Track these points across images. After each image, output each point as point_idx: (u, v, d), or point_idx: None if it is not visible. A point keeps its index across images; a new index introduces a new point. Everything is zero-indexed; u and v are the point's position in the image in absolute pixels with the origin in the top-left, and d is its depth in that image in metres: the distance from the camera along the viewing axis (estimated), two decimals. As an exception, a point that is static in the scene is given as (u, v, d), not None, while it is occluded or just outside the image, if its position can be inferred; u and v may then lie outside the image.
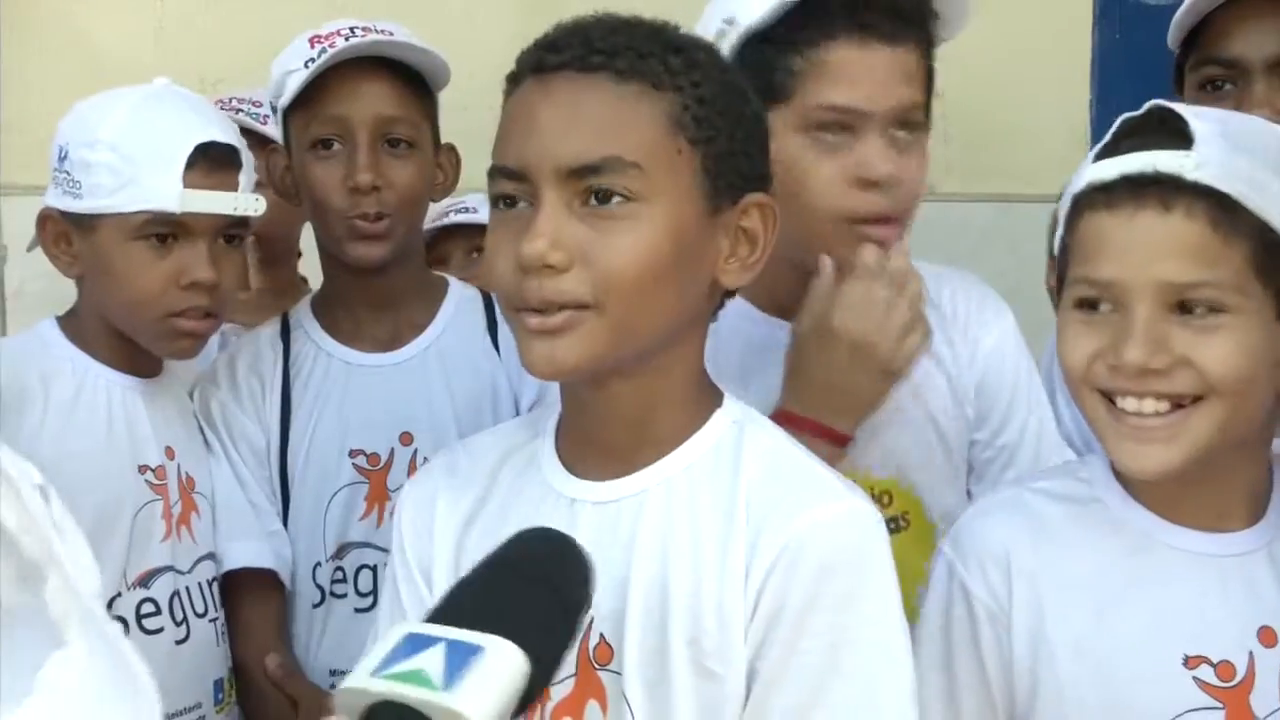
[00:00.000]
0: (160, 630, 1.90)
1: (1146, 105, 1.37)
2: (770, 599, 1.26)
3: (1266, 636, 1.36)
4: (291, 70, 2.01)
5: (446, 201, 2.64)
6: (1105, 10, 2.73)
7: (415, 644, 0.86)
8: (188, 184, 1.84)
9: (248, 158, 1.93)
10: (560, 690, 1.31)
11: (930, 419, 1.71)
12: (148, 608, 1.89)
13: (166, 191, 1.84)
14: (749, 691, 1.27)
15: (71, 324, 1.96)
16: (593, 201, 1.25)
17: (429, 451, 2.02)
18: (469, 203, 2.71)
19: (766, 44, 1.60)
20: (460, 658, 0.85)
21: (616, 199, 1.25)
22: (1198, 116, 1.33)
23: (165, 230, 1.86)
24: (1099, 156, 1.37)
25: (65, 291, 2.46)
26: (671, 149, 1.27)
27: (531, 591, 0.93)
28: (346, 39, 1.99)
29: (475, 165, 2.90)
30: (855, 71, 1.58)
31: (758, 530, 1.28)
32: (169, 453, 1.95)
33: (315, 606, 2.05)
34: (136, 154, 1.84)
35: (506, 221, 1.29)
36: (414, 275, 2.11)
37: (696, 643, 1.27)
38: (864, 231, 1.60)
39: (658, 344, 1.31)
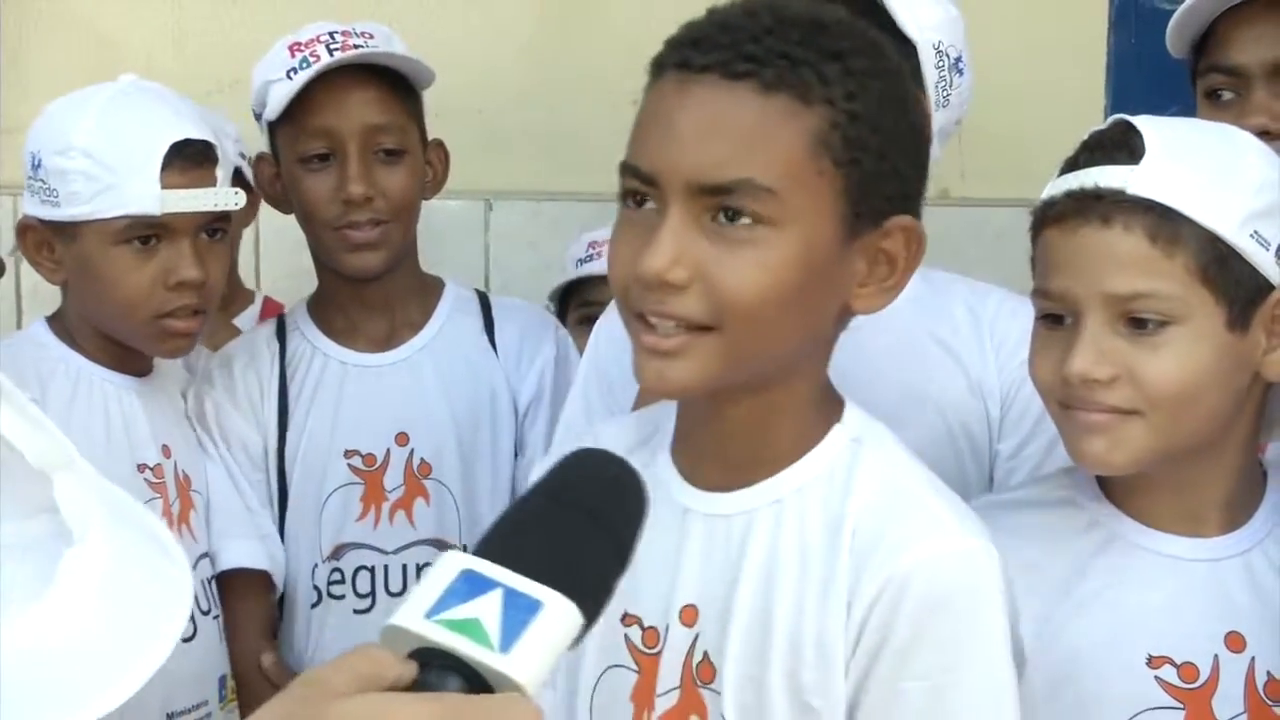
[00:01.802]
0: None
1: (1110, 120, 1.43)
2: (872, 635, 1.23)
3: (1234, 642, 1.39)
4: (273, 80, 2.02)
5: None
6: (1121, 15, 2.73)
7: (472, 585, 0.82)
8: (165, 184, 1.85)
9: (223, 150, 1.94)
10: (665, 702, 1.31)
11: (938, 409, 1.73)
12: None
13: (145, 194, 1.84)
14: None
15: (61, 325, 1.98)
16: (721, 219, 1.20)
17: (425, 452, 2.05)
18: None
19: None
20: (518, 613, 0.82)
21: (745, 220, 1.20)
22: (1156, 130, 1.38)
23: (147, 233, 1.87)
24: (1062, 172, 1.42)
25: (79, 292, 2.46)
26: (812, 171, 1.20)
27: (589, 531, 0.89)
28: (328, 47, 1.99)
29: (496, 169, 2.92)
30: None
31: (862, 562, 1.24)
32: (165, 451, 1.97)
33: (313, 607, 2.07)
34: (111, 158, 1.84)
35: (633, 221, 1.25)
36: (409, 277, 2.12)
37: (795, 675, 1.25)
38: None
39: (776, 368, 1.27)
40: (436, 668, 0.81)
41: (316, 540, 2.06)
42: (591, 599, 0.85)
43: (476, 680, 0.81)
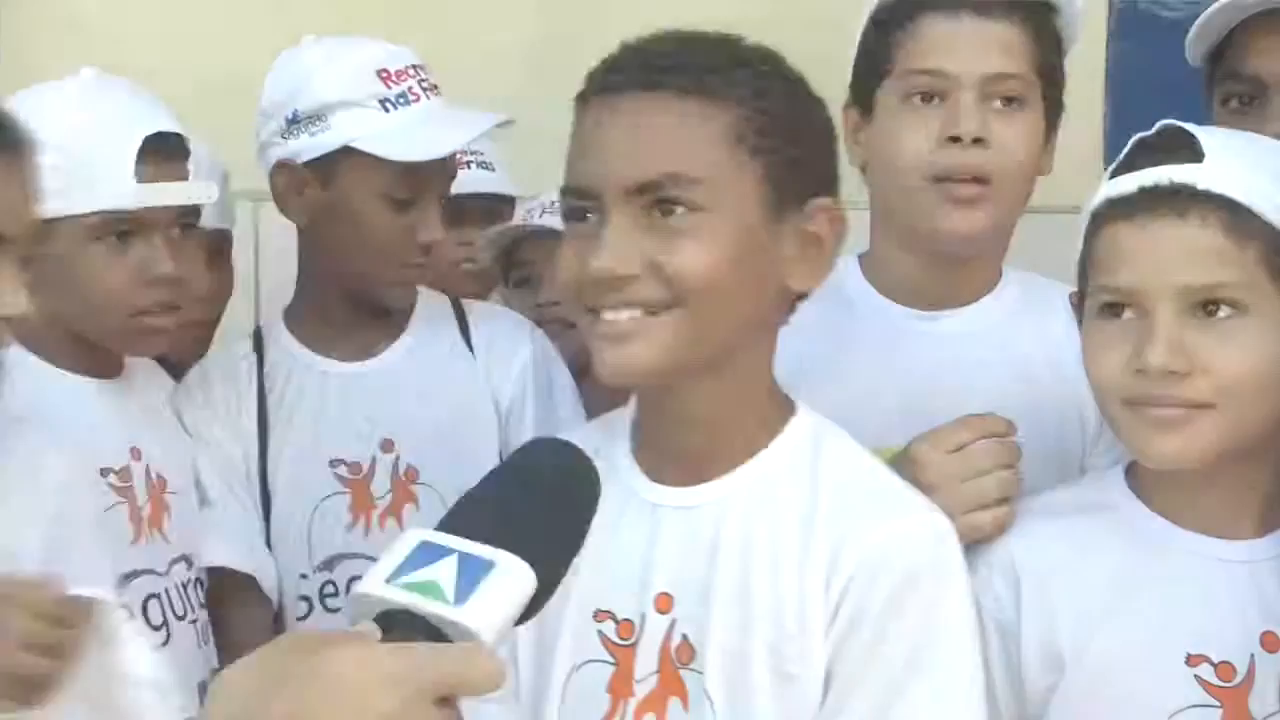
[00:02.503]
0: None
1: (1159, 124, 1.46)
2: (850, 607, 1.32)
3: (1269, 642, 1.41)
4: (357, 103, 1.99)
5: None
6: (1121, 24, 2.74)
7: (429, 553, 0.89)
8: (140, 178, 1.82)
9: (197, 145, 1.93)
10: (643, 688, 1.38)
11: (1034, 419, 1.72)
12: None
13: (121, 189, 1.82)
14: (826, 692, 1.33)
15: (24, 328, 1.93)
16: (657, 214, 1.32)
17: (412, 458, 2.05)
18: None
19: (876, 25, 1.76)
20: (472, 572, 0.88)
21: (680, 210, 1.31)
22: (1207, 133, 1.43)
23: (123, 228, 1.84)
24: (1115, 174, 1.45)
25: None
26: (733, 162, 1.33)
27: (541, 504, 0.96)
28: (421, 84, 2.01)
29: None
30: (943, 39, 1.71)
31: (839, 540, 1.34)
32: (135, 454, 1.92)
33: (301, 619, 2.05)
34: (84, 153, 1.81)
35: (577, 234, 1.36)
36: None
37: (777, 648, 1.33)
38: (949, 190, 1.69)
39: (728, 348, 1.36)
40: (401, 628, 0.86)
41: (304, 551, 2.04)
42: (545, 561, 0.92)
43: (440, 639, 0.86)
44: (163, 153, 1.86)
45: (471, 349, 2.12)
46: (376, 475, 2.04)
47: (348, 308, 2.08)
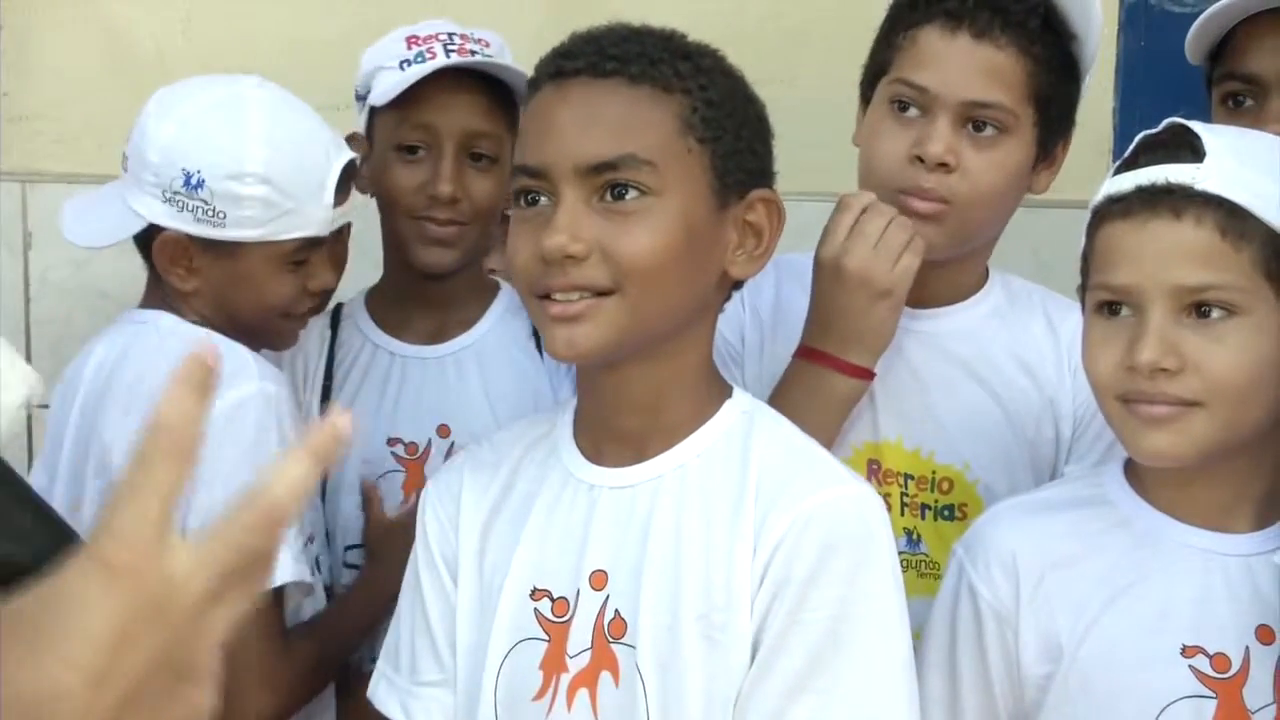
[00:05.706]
0: None
1: (1164, 123, 1.51)
2: (775, 573, 1.37)
3: (1264, 634, 1.46)
4: (384, 67, 2.09)
5: None
6: (1130, 18, 2.76)
7: None
8: (334, 204, 1.96)
9: None
10: (576, 663, 1.42)
11: (1011, 423, 1.79)
12: None
13: (320, 218, 1.94)
14: (753, 660, 1.37)
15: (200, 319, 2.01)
16: (608, 197, 1.37)
17: (465, 445, 2.06)
18: None
19: (890, 21, 1.80)
20: None
21: (631, 194, 1.37)
22: (1211, 133, 1.46)
23: (310, 251, 1.98)
24: (1118, 171, 1.50)
25: (87, 280, 2.48)
26: (682, 148, 1.39)
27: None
28: (445, 47, 2.06)
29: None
30: (934, 55, 1.73)
31: (766, 510, 1.39)
32: None
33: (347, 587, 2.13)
34: (291, 187, 1.91)
35: (528, 217, 1.41)
36: (470, 278, 2.19)
37: (706, 617, 1.39)
38: (906, 201, 1.73)
39: (671, 330, 1.43)
40: None
41: (358, 523, 2.11)
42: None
43: None
44: (346, 176, 1.98)
45: (540, 351, 2.15)
46: (431, 458, 2.12)
47: (422, 290, 2.16)
